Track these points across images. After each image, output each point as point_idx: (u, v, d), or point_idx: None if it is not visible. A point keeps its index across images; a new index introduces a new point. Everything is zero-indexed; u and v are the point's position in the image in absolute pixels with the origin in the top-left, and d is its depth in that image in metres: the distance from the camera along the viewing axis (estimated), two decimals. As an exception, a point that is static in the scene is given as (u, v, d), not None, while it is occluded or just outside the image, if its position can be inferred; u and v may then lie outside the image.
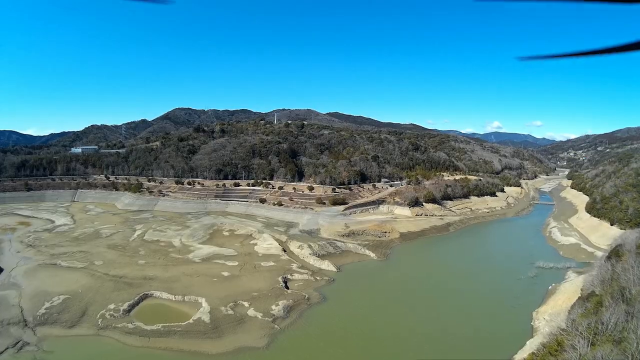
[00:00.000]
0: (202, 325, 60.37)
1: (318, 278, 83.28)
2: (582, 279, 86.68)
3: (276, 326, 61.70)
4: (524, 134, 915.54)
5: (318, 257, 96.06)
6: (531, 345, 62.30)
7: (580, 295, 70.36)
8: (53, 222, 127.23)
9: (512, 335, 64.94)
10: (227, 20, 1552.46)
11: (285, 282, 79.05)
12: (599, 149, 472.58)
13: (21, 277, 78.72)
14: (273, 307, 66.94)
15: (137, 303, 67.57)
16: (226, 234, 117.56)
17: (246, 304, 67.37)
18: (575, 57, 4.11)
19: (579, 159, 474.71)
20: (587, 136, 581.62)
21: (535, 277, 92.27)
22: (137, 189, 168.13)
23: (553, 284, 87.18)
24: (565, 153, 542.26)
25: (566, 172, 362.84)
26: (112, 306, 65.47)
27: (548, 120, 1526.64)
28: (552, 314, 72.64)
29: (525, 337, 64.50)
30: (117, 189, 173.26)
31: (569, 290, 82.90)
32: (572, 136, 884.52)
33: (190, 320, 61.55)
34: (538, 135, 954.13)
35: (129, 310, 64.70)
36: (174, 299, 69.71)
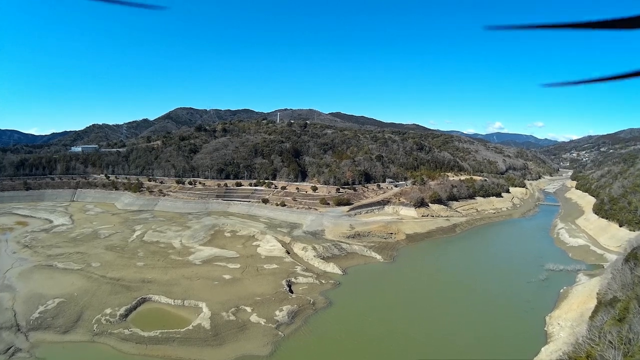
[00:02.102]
0: (202, 331, 57.43)
1: (323, 281, 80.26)
2: (595, 282, 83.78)
3: (280, 333, 58.71)
4: (525, 135, 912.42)
5: (323, 259, 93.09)
6: (547, 352, 59.49)
7: (597, 299, 67.43)
8: (51, 222, 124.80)
9: (526, 340, 62.71)
10: (230, 20, 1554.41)
11: (289, 286, 75.99)
12: (602, 149, 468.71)
13: (16, 279, 76.23)
14: (277, 312, 63.98)
15: (134, 307, 64.69)
16: (228, 235, 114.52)
17: (248, 309, 64.41)
18: (598, 83, 4.01)
19: (582, 159, 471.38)
20: (590, 137, 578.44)
21: (546, 280, 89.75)
22: (137, 188, 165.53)
23: (564, 287, 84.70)
24: (568, 154, 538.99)
25: (570, 173, 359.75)
26: (108, 311, 62.67)
27: (549, 121, 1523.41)
28: (566, 319, 69.85)
29: (539, 343, 62.06)
30: (117, 189, 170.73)
31: (582, 293, 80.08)
32: (574, 137, 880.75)
33: (190, 327, 58.58)
34: (540, 136, 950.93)
35: (125, 315, 61.83)
36: (173, 304, 66.74)
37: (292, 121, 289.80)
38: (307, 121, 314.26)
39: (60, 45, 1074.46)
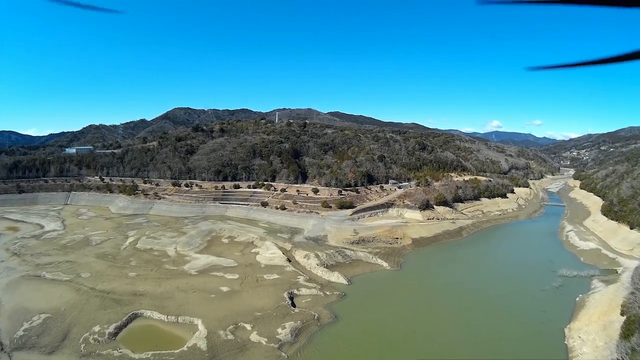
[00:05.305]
0: (198, 353, 52.51)
1: (328, 293, 75.25)
2: (613, 290, 79.68)
3: (283, 354, 53.79)
4: (524, 133, 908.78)
5: (326, 267, 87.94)
6: (570, 370, 55.37)
7: (621, 312, 63.20)
8: (42, 227, 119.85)
9: (545, 354, 58.26)
10: (228, 19, 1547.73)
11: (292, 299, 71.01)
12: (602, 148, 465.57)
13: (2, 291, 71.62)
14: (279, 330, 59.01)
15: (125, 325, 59.83)
16: (225, 241, 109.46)
17: (248, 327, 59.47)
18: (582, 67, 3.86)
19: (583, 158, 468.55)
20: (590, 135, 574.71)
21: (561, 287, 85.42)
22: (132, 191, 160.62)
23: (580, 295, 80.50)
24: (568, 152, 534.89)
25: (571, 172, 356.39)
26: (97, 328, 57.87)
27: (547, 119, 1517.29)
28: (588, 332, 65.47)
29: (559, 358, 57.79)
30: (111, 191, 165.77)
31: (601, 303, 75.75)
32: (573, 135, 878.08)
33: (185, 347, 53.66)
34: (538, 135, 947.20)
35: (115, 334, 56.99)
36: (166, 320, 61.78)
37: (291, 121, 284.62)
38: (306, 121, 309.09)
39: (59, 46, 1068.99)
